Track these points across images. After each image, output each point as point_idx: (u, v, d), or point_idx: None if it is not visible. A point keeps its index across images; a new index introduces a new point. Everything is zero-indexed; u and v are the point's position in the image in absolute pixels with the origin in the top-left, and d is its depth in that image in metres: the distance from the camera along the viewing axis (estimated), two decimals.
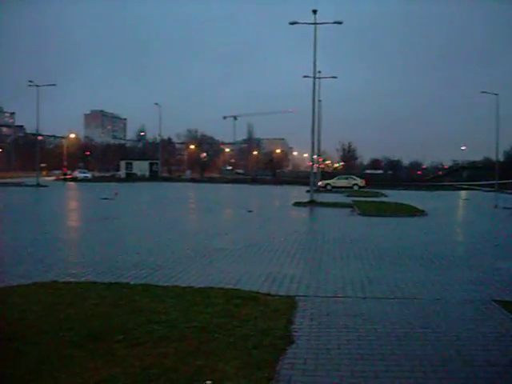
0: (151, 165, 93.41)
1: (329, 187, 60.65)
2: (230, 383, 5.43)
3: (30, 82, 63.22)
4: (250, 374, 5.67)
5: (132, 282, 9.89)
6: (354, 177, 66.46)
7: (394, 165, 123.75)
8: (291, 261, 13.17)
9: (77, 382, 5.32)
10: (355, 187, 60.42)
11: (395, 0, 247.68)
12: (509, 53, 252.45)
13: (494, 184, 69.58)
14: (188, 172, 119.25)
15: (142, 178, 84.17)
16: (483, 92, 69.47)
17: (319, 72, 48.49)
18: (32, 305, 7.98)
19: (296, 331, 7.26)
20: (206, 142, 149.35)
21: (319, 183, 61.33)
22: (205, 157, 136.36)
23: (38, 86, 62.94)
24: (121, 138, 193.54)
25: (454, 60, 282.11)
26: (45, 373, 5.51)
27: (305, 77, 46.08)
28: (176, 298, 8.57)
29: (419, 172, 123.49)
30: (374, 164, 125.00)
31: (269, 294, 9.22)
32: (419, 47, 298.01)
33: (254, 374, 5.66)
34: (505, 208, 35.09)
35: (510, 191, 63.47)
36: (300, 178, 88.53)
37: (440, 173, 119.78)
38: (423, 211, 29.15)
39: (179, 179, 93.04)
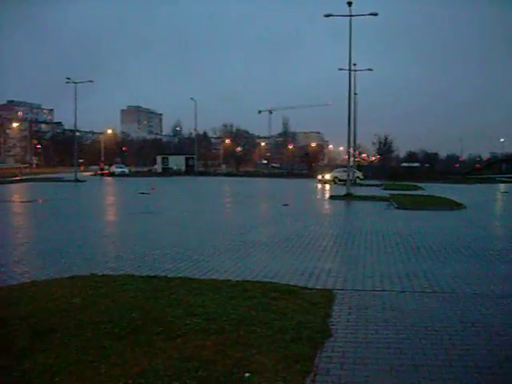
0: (187, 159, 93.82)
1: (337, 180, 57.10)
2: (268, 376, 5.44)
3: (68, 79, 64.02)
4: (288, 366, 5.68)
5: (170, 275, 9.98)
6: (355, 169, 59.94)
7: (431, 158, 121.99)
8: (328, 254, 13.13)
9: (117, 373, 5.40)
10: (357, 180, 57.32)
11: None
12: None
13: None
14: (223, 166, 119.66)
15: (178, 173, 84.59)
16: None
17: (354, 65, 48.13)
18: (72, 297, 8.12)
19: (334, 325, 7.25)
20: (242, 137, 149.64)
21: (318, 177, 62.31)
22: (240, 151, 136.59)
23: (75, 82, 63.69)
24: (157, 133, 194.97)
25: (491, 52, 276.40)
26: (86, 364, 5.61)
27: (340, 69, 45.83)
28: (213, 291, 8.61)
29: (457, 165, 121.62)
30: (411, 157, 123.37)
31: (306, 288, 9.22)
32: (456, 38, 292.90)
33: (292, 367, 5.67)
34: None
35: None
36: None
37: (478, 165, 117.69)
38: (461, 204, 28.73)
39: (215, 173, 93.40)
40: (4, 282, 9.69)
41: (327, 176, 60.63)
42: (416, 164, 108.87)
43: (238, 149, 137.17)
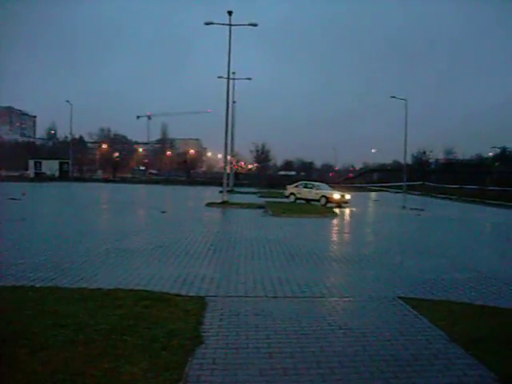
0: (61, 164, 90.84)
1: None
2: None
3: None
4: (158, 375, 5.66)
5: (38, 285, 9.62)
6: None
7: (307, 166, 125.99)
8: (202, 261, 13.19)
9: None
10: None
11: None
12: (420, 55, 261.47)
13: (401, 186, 72.04)
14: (99, 172, 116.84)
15: (52, 178, 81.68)
16: (392, 97, 71.82)
17: (233, 73, 48.81)
18: None
19: (205, 331, 7.30)
20: (119, 142, 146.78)
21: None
22: (117, 156, 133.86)
23: None
24: (30, 136, 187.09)
25: (369, 64, 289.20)
26: None
27: (219, 77, 46.29)
28: (83, 301, 8.40)
29: (331, 174, 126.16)
30: (287, 166, 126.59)
31: (179, 295, 9.23)
32: (334, 50, 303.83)
33: (162, 376, 5.66)
34: (412, 209, 36.55)
35: (416, 192, 66.10)
36: (214, 179, 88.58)
37: (351, 175, 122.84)
38: (334, 211, 29.87)
39: (91, 179, 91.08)
40: None
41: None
42: (292, 172, 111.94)
43: (116, 154, 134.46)
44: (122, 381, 5.47)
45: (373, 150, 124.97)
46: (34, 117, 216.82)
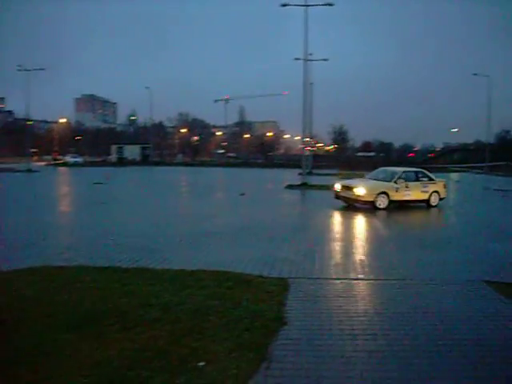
0: (142, 149, 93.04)
1: (382, 204, 21.90)
2: (222, 364, 5.49)
3: (19, 66, 62.60)
4: (242, 355, 5.74)
5: (124, 266, 9.93)
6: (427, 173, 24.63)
7: (386, 147, 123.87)
8: (283, 243, 13.22)
9: (72, 364, 5.37)
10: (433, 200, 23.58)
11: None
12: (501, 34, 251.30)
13: (483, 166, 69.69)
14: (179, 156, 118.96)
15: (134, 162, 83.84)
16: (474, 74, 69.51)
17: (310, 54, 48.34)
18: (24, 290, 8.02)
19: (288, 313, 7.33)
20: (198, 126, 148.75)
21: (336, 187, 24.31)
22: (196, 140, 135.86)
23: (27, 70, 62.35)
24: (112, 123, 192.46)
25: (448, 40, 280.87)
26: (41, 356, 5.56)
27: (296, 59, 45.95)
28: (168, 281, 8.62)
29: (411, 154, 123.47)
30: (366, 147, 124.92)
31: (261, 277, 9.28)
32: (412, 28, 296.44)
33: (246, 355, 5.73)
34: (496, 190, 35.23)
35: (499, 173, 63.77)
36: (292, 161, 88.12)
37: (432, 155, 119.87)
38: None
39: (171, 163, 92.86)
40: None
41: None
42: (371, 153, 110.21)
43: (195, 138, 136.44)
44: (208, 359, 5.58)
45: (453, 130, 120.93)
46: (116, 103, 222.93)
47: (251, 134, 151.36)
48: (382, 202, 21.78)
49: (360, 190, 21.84)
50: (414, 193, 22.79)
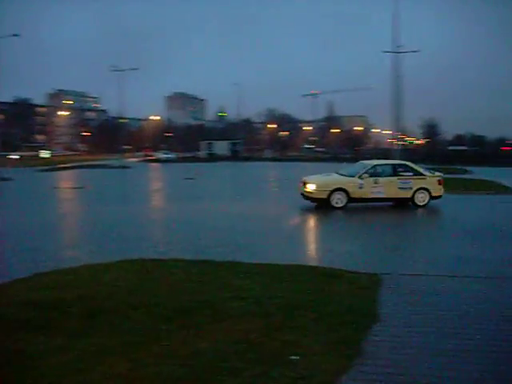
0: (232, 144, 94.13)
1: (339, 203, 19.17)
2: (315, 359, 5.48)
3: (113, 67, 64.86)
4: (335, 350, 5.70)
5: (217, 259, 10.07)
6: (412, 166, 20.86)
7: (479, 141, 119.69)
8: (374, 238, 13.06)
9: (167, 354, 5.52)
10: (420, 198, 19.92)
11: None
12: None
13: None
14: (268, 151, 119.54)
15: (223, 158, 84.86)
16: None
17: (399, 47, 47.37)
18: (122, 281, 8.32)
19: (381, 309, 7.22)
20: (286, 121, 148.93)
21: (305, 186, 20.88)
22: (285, 135, 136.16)
23: (120, 70, 64.52)
24: (201, 119, 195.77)
25: None
26: (137, 345, 5.74)
27: (385, 52, 45.20)
28: (261, 275, 8.69)
29: (506, 148, 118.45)
30: (458, 140, 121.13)
31: (353, 272, 9.20)
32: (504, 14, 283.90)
33: (339, 351, 5.69)
34: None
35: None
36: (381, 155, 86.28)
37: None
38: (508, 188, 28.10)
39: (259, 158, 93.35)
40: (56, 265, 9.96)
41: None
42: (463, 147, 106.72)
43: (284, 133, 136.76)
44: (300, 353, 5.59)
45: None
46: (205, 100, 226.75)
47: (339, 129, 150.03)
48: (338, 200, 19.05)
49: (311, 186, 19.51)
50: (387, 190, 19.57)
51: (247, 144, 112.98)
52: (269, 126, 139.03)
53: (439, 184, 20.15)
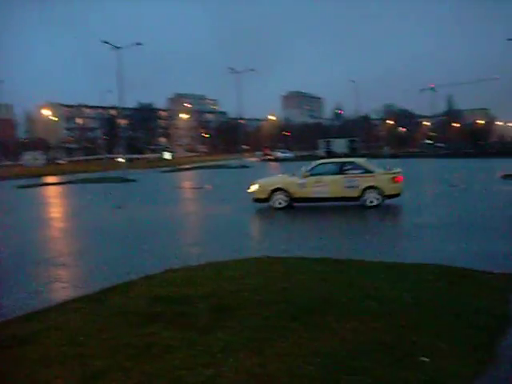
0: (349, 142, 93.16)
1: (281, 203, 19.19)
2: (445, 361, 5.29)
3: (231, 69, 66.19)
4: (467, 353, 5.48)
5: (341, 258, 9.98)
6: (362, 164, 19.58)
7: None
8: (504, 237, 12.45)
9: (295, 351, 5.52)
10: (371, 198, 18.79)
11: None
12: None
13: None
14: (386, 148, 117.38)
15: (341, 156, 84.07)
16: None
17: None
18: (248, 278, 8.45)
19: None
20: (403, 117, 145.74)
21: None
22: (403, 131, 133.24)
23: (237, 72, 65.73)
24: (318, 117, 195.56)
25: None
26: (264, 342, 5.80)
27: (509, 40, 43.01)
28: (385, 274, 8.53)
29: None
30: None
31: (483, 272, 8.80)
32: None
33: (471, 354, 5.45)
34: None
35: None
36: (508, 150, 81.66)
37: None
38: None
39: (377, 155, 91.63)
40: (184, 262, 10.29)
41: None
42: None
43: (402, 129, 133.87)
44: (430, 355, 5.41)
45: None
46: (321, 98, 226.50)
47: (460, 123, 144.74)
48: (280, 201, 18.77)
49: (253, 186, 19.41)
50: (332, 189, 18.71)
51: (365, 141, 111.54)
52: (386, 122, 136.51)
53: (394, 182, 18.76)
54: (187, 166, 66.62)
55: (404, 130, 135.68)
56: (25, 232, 16.94)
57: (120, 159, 72.21)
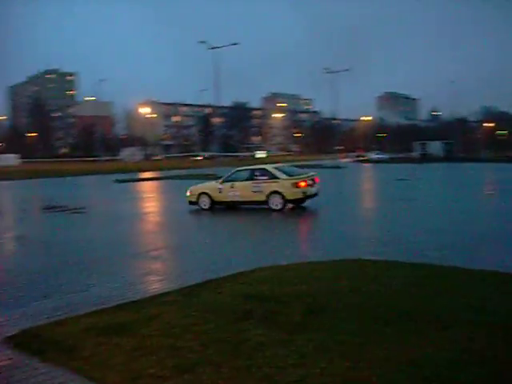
0: (445, 145, 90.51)
1: (206, 205, 21.37)
2: None
3: (326, 69, 65.89)
4: None
5: (434, 263, 9.66)
6: (269, 170, 20.64)
7: None
8: None
9: (387, 357, 5.35)
10: (274, 202, 20.02)
11: None
12: None
13: None
14: (485, 151, 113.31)
15: (437, 159, 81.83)
16: None
17: None
18: (341, 280, 8.34)
19: None
20: (504, 119, 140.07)
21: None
22: (501, 135, 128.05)
23: (332, 72, 65.37)
24: (413, 119, 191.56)
25: None
26: (356, 346, 5.67)
27: None
28: (483, 283, 8.16)
29: None
30: None
31: None
32: None
33: None
34: None
35: None
36: None
37: None
38: None
39: (475, 159, 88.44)
40: (275, 261, 10.32)
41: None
42: None
43: (502, 132, 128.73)
44: None
45: None
46: (416, 99, 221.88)
47: None
48: (205, 203, 21.13)
49: (188, 191, 21.92)
50: (242, 193, 20.48)
51: (462, 144, 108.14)
52: (485, 124, 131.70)
53: (295, 187, 19.56)
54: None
55: (504, 133, 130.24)
56: (121, 225, 17.54)
57: (199, 157, 73.71)
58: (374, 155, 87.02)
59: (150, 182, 44.19)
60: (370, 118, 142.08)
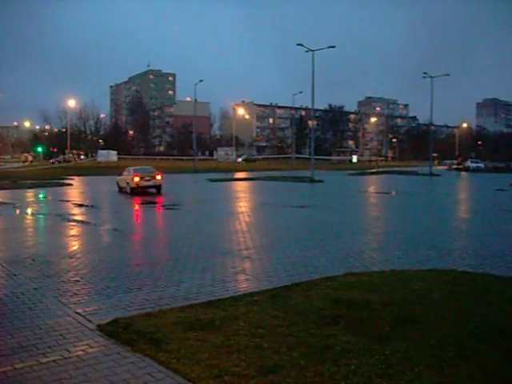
0: None
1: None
2: None
3: (425, 73, 64.24)
4: None
5: None
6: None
7: None
8: None
9: (478, 375, 5.12)
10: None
11: None
12: None
13: None
14: None
15: None
16: None
17: None
18: (432, 291, 8.10)
19: None
20: None
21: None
22: None
23: (431, 77, 63.65)
24: None
25: None
26: (445, 360, 5.46)
27: None
28: None
29: None
30: None
31: None
32: None
33: None
34: None
35: None
36: None
37: None
38: None
39: None
40: (366, 267, 10.16)
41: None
42: None
43: None
44: None
45: None
46: None
47: None
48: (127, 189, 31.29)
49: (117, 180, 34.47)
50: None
51: None
52: None
53: (132, 180, 30.85)
54: (373, 170, 66.21)
55: None
56: (213, 223, 17.82)
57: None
58: (470, 164, 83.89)
59: (241, 182, 44.68)
60: (468, 125, 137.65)
